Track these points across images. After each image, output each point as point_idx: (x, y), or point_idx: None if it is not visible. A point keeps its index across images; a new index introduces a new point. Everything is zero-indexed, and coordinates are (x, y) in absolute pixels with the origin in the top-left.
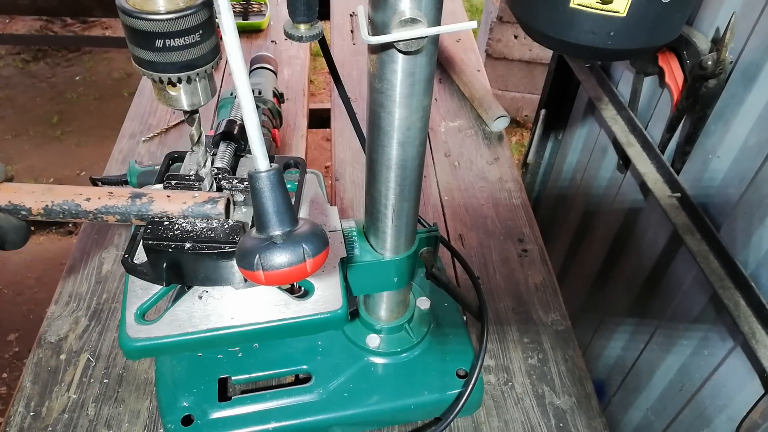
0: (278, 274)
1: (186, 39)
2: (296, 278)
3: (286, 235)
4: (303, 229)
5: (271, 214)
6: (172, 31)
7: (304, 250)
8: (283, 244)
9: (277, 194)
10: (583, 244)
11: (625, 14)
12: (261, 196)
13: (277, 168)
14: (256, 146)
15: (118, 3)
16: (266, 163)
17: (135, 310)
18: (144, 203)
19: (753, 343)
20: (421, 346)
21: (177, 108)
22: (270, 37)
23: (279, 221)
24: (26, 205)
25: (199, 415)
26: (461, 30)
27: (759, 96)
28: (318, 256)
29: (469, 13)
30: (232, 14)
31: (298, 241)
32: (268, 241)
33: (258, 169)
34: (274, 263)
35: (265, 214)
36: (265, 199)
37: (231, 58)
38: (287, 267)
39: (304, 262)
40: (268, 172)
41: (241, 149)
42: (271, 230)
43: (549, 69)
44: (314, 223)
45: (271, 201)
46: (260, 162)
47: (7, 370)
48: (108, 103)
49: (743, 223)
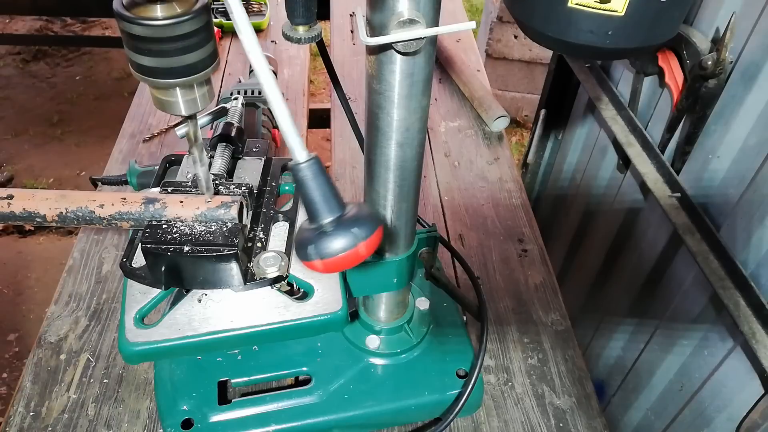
0: (334, 261)
1: (183, 44)
2: (353, 262)
3: (335, 222)
4: (351, 213)
5: (318, 203)
6: (170, 36)
7: (355, 234)
8: (333, 231)
9: (321, 182)
10: (583, 244)
11: (624, 13)
12: (305, 186)
13: (316, 156)
14: (291, 139)
15: (115, 9)
16: (304, 154)
17: (134, 314)
18: (157, 209)
19: (753, 343)
20: (421, 346)
21: (175, 114)
22: (270, 37)
23: (327, 209)
24: (41, 212)
25: (198, 418)
26: (460, 30)
27: (759, 96)
28: (370, 237)
29: (469, 13)
30: (244, 13)
31: (347, 226)
32: (319, 230)
33: (298, 161)
34: (328, 251)
35: (312, 204)
36: (309, 190)
37: (251, 56)
38: (341, 253)
39: (356, 246)
40: (307, 162)
41: (239, 152)
42: (321, 219)
43: (549, 69)
44: (362, 205)
45: (315, 190)
46: (298, 153)
47: (7, 370)
48: (108, 103)
49: (743, 223)
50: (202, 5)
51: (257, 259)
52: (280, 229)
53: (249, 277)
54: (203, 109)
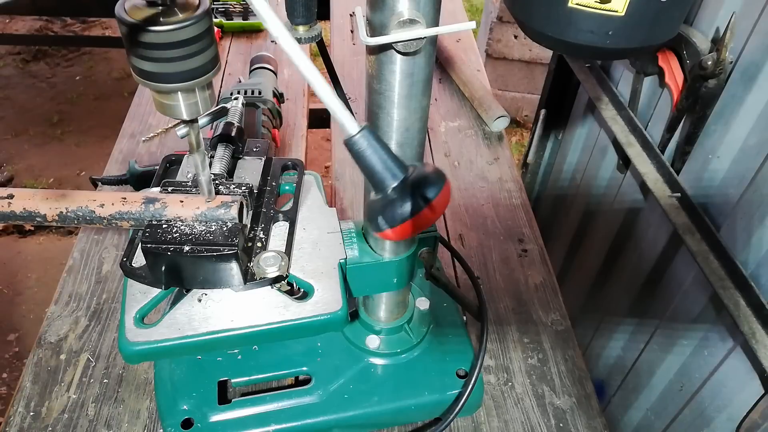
0: (404, 228)
1: (186, 50)
2: (425, 224)
3: (399, 187)
4: (415, 175)
5: (379, 172)
6: (171, 42)
7: (421, 195)
8: (399, 198)
9: (377, 150)
10: (583, 244)
11: (624, 13)
12: (362, 159)
13: (366, 125)
14: (339, 114)
15: (117, 14)
16: (355, 126)
17: (134, 314)
18: (157, 208)
19: (753, 343)
20: (421, 346)
21: (176, 118)
22: (270, 37)
23: (389, 175)
24: (41, 212)
25: (198, 418)
26: (460, 30)
27: (759, 96)
28: (438, 196)
29: (469, 13)
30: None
31: (412, 189)
32: (385, 199)
33: (350, 134)
34: (396, 218)
35: (372, 175)
36: (367, 160)
37: (281, 41)
38: (410, 218)
39: (424, 207)
40: (360, 133)
41: (239, 152)
42: (384, 187)
43: (549, 69)
44: (424, 165)
45: (373, 160)
46: (349, 126)
47: (7, 370)
48: (108, 103)
49: (743, 223)
50: (204, 11)
51: (257, 258)
52: (280, 229)
53: (249, 277)
54: (204, 112)
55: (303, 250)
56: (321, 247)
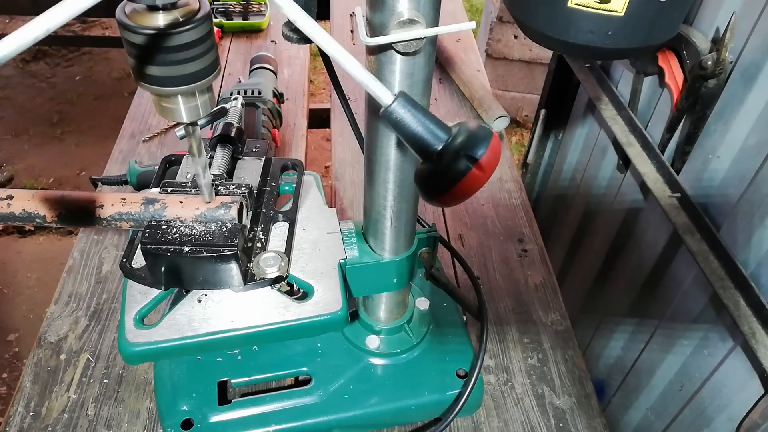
0: (454, 193)
1: (186, 53)
2: (476, 186)
3: (443, 151)
4: (459, 135)
5: (420, 139)
6: (172, 45)
7: (467, 156)
8: (444, 162)
9: (416, 115)
10: (583, 244)
11: (623, 13)
12: (402, 126)
13: (401, 91)
14: (371, 86)
15: (117, 17)
16: (389, 94)
17: (134, 315)
18: (157, 209)
19: (753, 343)
20: (421, 346)
21: (176, 121)
22: (270, 37)
23: (432, 139)
24: (40, 213)
25: (198, 418)
26: (460, 30)
27: (759, 96)
28: (486, 154)
29: (469, 13)
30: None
31: (456, 151)
32: (431, 166)
33: (386, 104)
34: (445, 185)
35: (415, 142)
36: (407, 127)
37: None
38: (458, 182)
39: (472, 168)
40: (396, 100)
41: (238, 152)
42: (430, 153)
43: (549, 69)
44: (467, 123)
45: (413, 125)
46: (383, 96)
47: (7, 370)
48: (108, 103)
49: (743, 223)
50: (204, 14)
51: (257, 259)
52: (280, 229)
53: (249, 278)
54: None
55: (303, 251)
56: (321, 248)
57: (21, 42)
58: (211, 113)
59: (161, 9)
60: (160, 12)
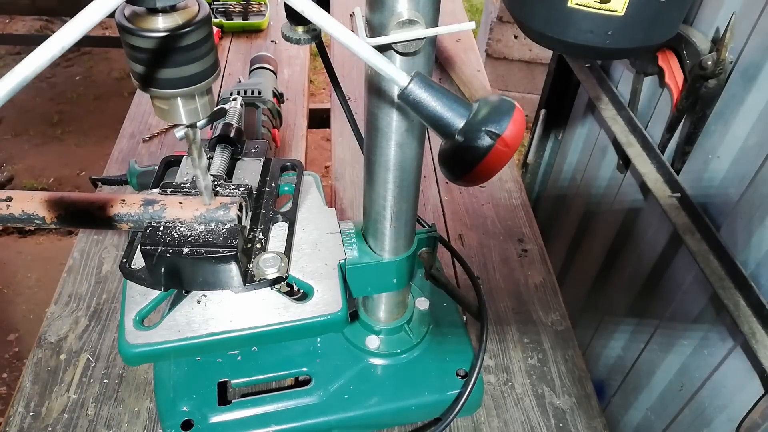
0: (479, 171)
1: (185, 56)
2: (502, 161)
3: (465, 129)
4: (479, 113)
5: (441, 118)
6: (171, 48)
7: (489, 132)
8: (466, 140)
9: (434, 93)
10: (583, 244)
11: (623, 13)
12: (421, 106)
13: (417, 71)
14: (385, 69)
15: (117, 20)
16: (404, 76)
17: (134, 316)
18: (156, 210)
19: (753, 343)
20: (421, 346)
21: (176, 123)
22: (270, 37)
23: (453, 117)
24: (40, 215)
25: (198, 419)
26: (460, 30)
27: (759, 96)
28: (509, 127)
29: (469, 13)
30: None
31: (477, 128)
32: (454, 145)
33: (402, 85)
34: (470, 163)
35: (435, 121)
36: (426, 108)
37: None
38: (482, 158)
39: (495, 144)
40: (413, 81)
41: (238, 152)
42: (451, 132)
43: (549, 69)
44: (488, 97)
45: (432, 104)
46: (399, 79)
47: (7, 370)
48: (108, 103)
49: (743, 223)
50: (204, 16)
51: (257, 260)
52: (280, 230)
53: (248, 278)
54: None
55: (302, 251)
56: (320, 248)
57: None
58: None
59: (161, 12)
60: (159, 15)
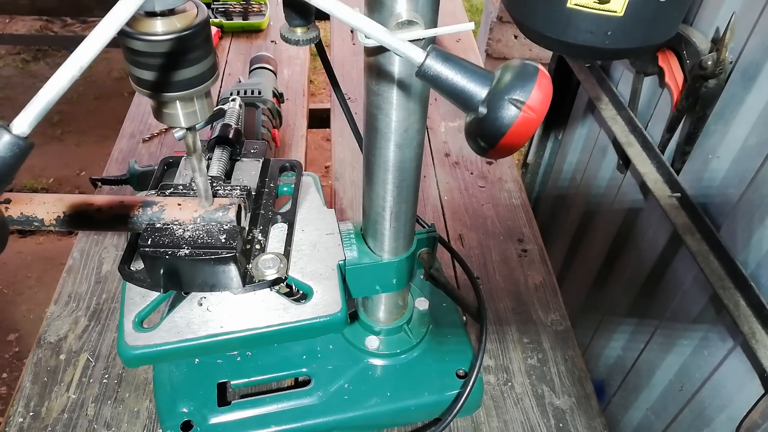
0: (506, 143)
1: (184, 59)
2: (529, 132)
3: (487, 99)
4: (502, 81)
5: (461, 90)
6: (170, 51)
7: (513, 100)
8: (490, 111)
9: (452, 66)
10: (583, 244)
11: (623, 14)
12: (440, 81)
13: (432, 45)
14: (401, 48)
15: None
16: (420, 52)
17: (133, 318)
18: (155, 212)
19: (753, 343)
20: (421, 346)
21: (175, 126)
22: (270, 37)
23: (474, 89)
24: (38, 217)
25: (198, 420)
26: (459, 31)
27: (759, 96)
28: (533, 93)
29: (469, 13)
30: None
31: (501, 97)
32: (477, 117)
33: (418, 62)
34: (495, 135)
35: (456, 95)
36: (445, 82)
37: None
38: (508, 129)
39: (521, 111)
40: (429, 56)
41: (237, 153)
42: (474, 104)
43: (549, 69)
44: (510, 62)
45: (451, 78)
46: (415, 55)
47: (7, 370)
48: (108, 103)
49: (743, 223)
50: (203, 20)
51: (256, 261)
52: (279, 231)
53: (248, 280)
54: (203, 120)
55: (302, 252)
56: (320, 249)
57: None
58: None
59: (159, 15)
60: (158, 18)
